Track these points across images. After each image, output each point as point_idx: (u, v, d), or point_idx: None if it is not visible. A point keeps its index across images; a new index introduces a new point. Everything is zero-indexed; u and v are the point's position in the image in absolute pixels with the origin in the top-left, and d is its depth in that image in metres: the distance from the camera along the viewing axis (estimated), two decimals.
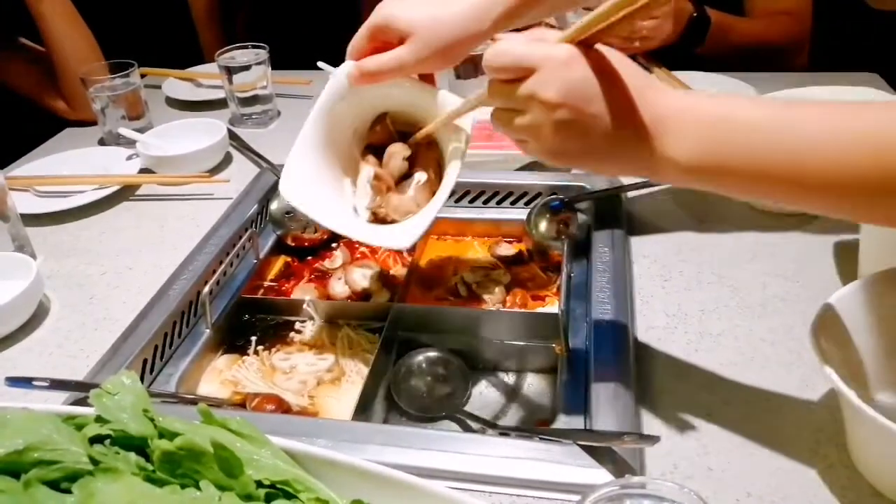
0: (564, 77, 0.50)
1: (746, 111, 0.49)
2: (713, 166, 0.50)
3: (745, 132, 0.48)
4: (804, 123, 0.47)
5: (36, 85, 1.35)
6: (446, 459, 0.60)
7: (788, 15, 1.35)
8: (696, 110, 0.50)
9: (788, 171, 0.47)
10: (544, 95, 0.50)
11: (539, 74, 0.51)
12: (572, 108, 0.50)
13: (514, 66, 0.52)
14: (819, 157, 0.46)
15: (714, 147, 0.49)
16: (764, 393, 0.65)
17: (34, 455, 0.45)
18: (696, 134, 0.50)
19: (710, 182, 0.52)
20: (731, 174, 0.50)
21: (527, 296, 0.86)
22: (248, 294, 0.88)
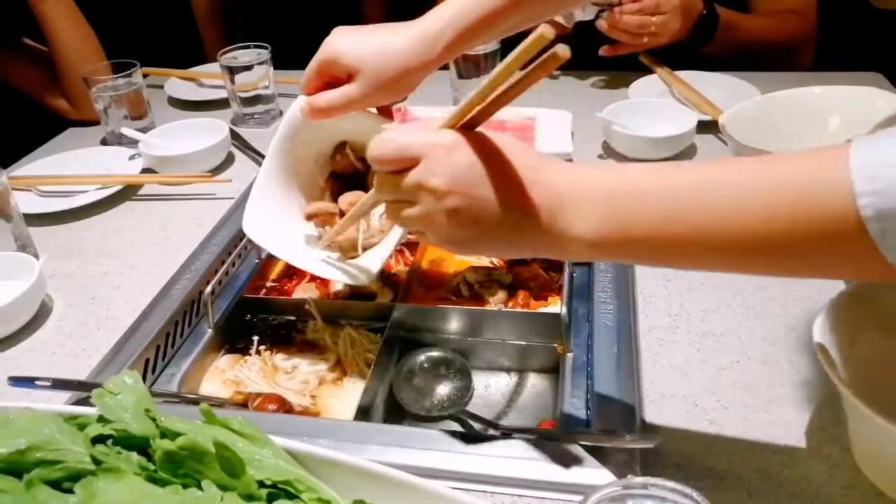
0: (450, 163, 0.49)
1: (641, 180, 0.48)
2: (616, 239, 0.48)
3: (643, 202, 0.47)
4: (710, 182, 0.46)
5: (39, 85, 1.35)
6: (448, 460, 0.60)
7: (793, 13, 1.35)
8: (591, 185, 0.49)
9: (690, 236, 0.46)
10: (432, 184, 0.49)
11: (425, 163, 0.50)
12: (461, 194, 0.49)
13: (398, 157, 0.51)
14: (716, 218, 0.45)
15: (613, 220, 0.48)
16: (766, 393, 0.65)
17: (36, 455, 0.45)
18: (595, 209, 0.48)
19: (617, 255, 0.51)
20: (635, 245, 0.48)
21: (529, 296, 0.85)
22: (250, 294, 0.88)
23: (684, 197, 0.46)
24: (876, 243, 0.40)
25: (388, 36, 0.66)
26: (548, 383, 0.77)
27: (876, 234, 0.40)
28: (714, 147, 1.08)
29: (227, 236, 0.93)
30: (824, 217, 0.42)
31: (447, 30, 0.65)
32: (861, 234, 0.40)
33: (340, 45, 0.66)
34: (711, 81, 1.24)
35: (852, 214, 0.40)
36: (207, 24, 1.83)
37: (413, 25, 0.66)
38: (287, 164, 0.78)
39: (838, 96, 0.93)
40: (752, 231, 0.44)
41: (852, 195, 0.40)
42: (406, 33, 0.66)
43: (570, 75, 1.41)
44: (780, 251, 0.45)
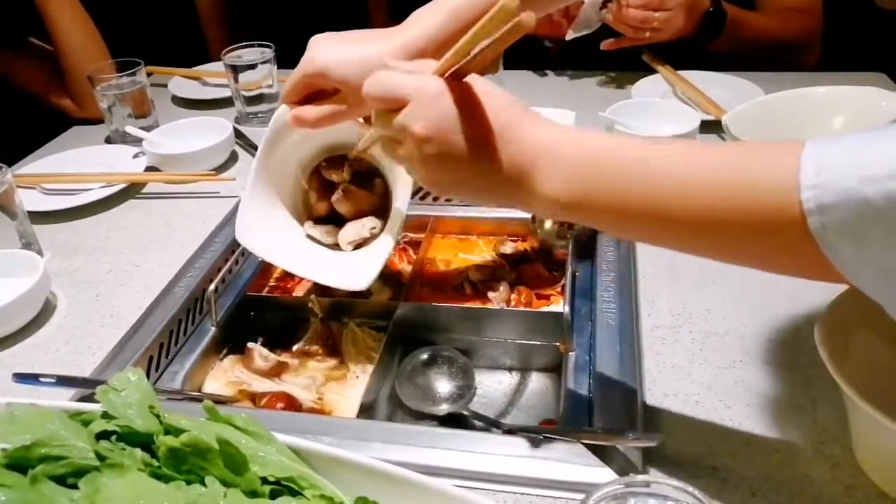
0: (432, 111, 0.51)
1: (607, 150, 0.50)
2: (577, 203, 0.50)
3: (612, 171, 0.49)
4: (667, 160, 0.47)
5: (43, 83, 1.35)
6: (450, 457, 0.60)
7: (799, 11, 1.35)
8: (565, 147, 0.51)
9: (653, 210, 0.47)
10: (413, 128, 0.52)
11: (410, 107, 0.52)
12: (439, 141, 0.51)
13: (387, 97, 0.54)
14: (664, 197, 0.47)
15: (577, 185, 0.50)
16: (769, 393, 0.65)
17: (41, 451, 0.45)
18: (562, 172, 0.50)
19: (583, 218, 0.53)
20: (594, 212, 0.51)
21: (531, 294, 0.86)
22: (253, 292, 0.88)
23: (639, 173, 0.48)
24: (815, 237, 0.40)
25: (371, 47, 0.66)
26: (550, 382, 0.77)
27: (815, 228, 0.40)
28: None
29: (231, 235, 0.93)
30: (766, 206, 0.42)
31: (430, 44, 0.65)
32: (800, 227, 0.40)
33: (326, 58, 0.66)
34: (715, 81, 1.24)
35: (795, 207, 0.40)
36: (211, 22, 1.83)
37: (397, 34, 0.66)
38: (274, 171, 0.79)
39: (842, 96, 0.93)
40: (696, 214, 0.46)
41: (797, 187, 0.40)
42: (389, 44, 0.65)
43: (573, 75, 1.41)
44: (723, 237, 0.46)
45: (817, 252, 0.40)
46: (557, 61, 1.43)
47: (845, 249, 0.40)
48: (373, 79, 0.55)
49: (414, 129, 0.52)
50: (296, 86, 0.69)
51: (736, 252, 0.48)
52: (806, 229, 0.40)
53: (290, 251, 0.79)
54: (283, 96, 0.72)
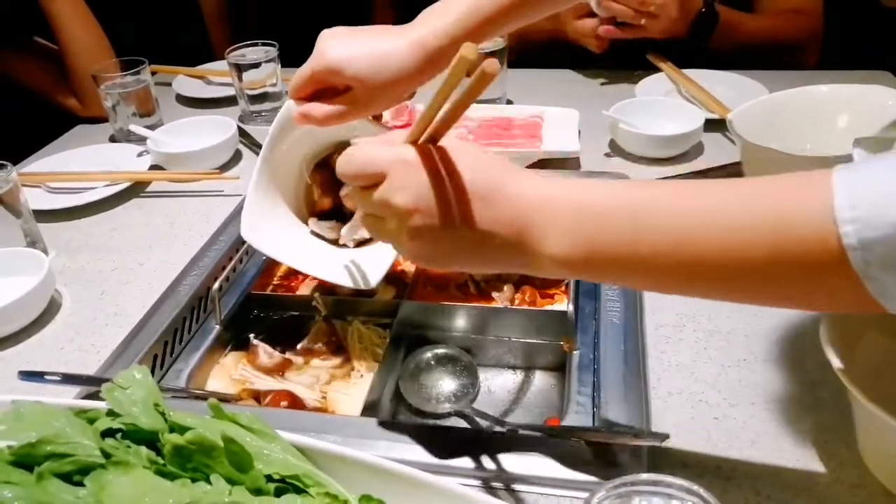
0: (412, 181, 0.48)
1: (607, 198, 0.47)
2: (584, 259, 0.47)
3: (608, 222, 0.46)
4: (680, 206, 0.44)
5: (48, 83, 1.36)
6: (454, 456, 0.60)
7: (798, 13, 1.35)
8: (561, 200, 0.47)
9: (669, 259, 0.44)
10: (395, 202, 0.49)
11: (388, 181, 0.49)
12: (424, 213, 0.48)
13: (363, 173, 0.51)
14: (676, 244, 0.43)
15: (581, 239, 0.46)
16: (773, 391, 0.65)
17: (47, 448, 0.45)
18: (563, 226, 0.47)
19: (588, 274, 0.49)
20: (602, 265, 0.47)
21: (536, 293, 0.85)
22: (257, 290, 0.88)
23: (648, 219, 0.45)
24: (858, 274, 0.38)
25: (384, 43, 0.64)
26: (554, 381, 0.77)
27: (858, 265, 0.38)
28: (721, 145, 1.08)
29: (235, 233, 0.93)
30: (798, 245, 0.40)
31: (445, 39, 0.63)
32: (842, 264, 0.38)
33: (338, 54, 0.64)
34: (719, 80, 1.24)
35: (834, 243, 0.38)
36: (215, 21, 1.83)
37: (411, 31, 0.64)
38: (277, 167, 0.79)
39: (847, 95, 0.92)
40: (718, 259, 0.42)
41: (834, 222, 0.38)
42: (403, 41, 0.64)
43: (577, 73, 1.40)
44: (751, 280, 0.43)
45: (859, 287, 0.39)
46: (561, 60, 1.43)
47: (890, 282, 0.38)
48: (344, 157, 0.52)
49: (395, 202, 0.48)
50: (304, 82, 0.67)
51: (766, 294, 0.45)
52: (846, 266, 0.38)
53: (296, 249, 0.79)
54: (291, 92, 0.69)
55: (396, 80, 0.64)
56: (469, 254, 0.50)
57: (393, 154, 0.50)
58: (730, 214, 0.42)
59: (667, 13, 1.22)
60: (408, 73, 0.64)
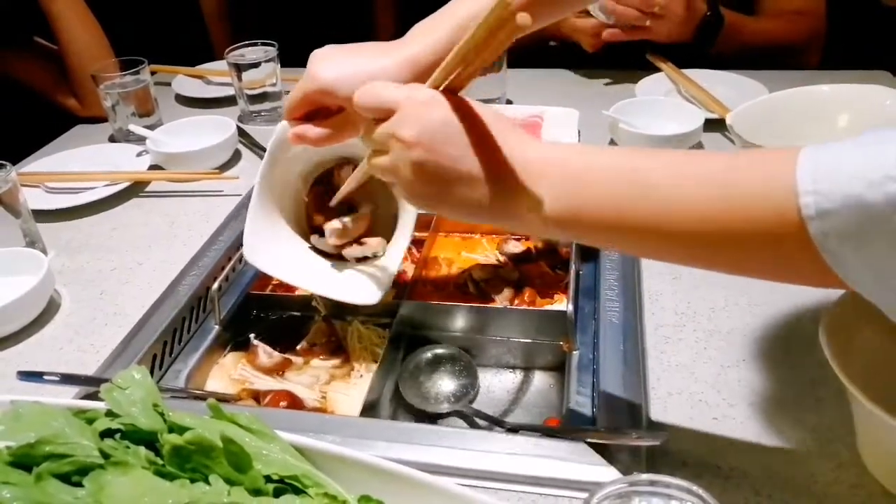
0: (422, 117, 0.50)
1: (595, 163, 0.49)
2: (567, 219, 0.49)
3: (601, 183, 0.48)
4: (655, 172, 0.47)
5: (48, 82, 1.36)
6: (454, 456, 0.60)
7: (800, 14, 1.35)
8: (553, 162, 0.50)
9: (646, 223, 0.47)
10: (401, 134, 0.51)
11: (399, 114, 0.51)
12: (429, 148, 0.50)
13: (377, 106, 0.53)
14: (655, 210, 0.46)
15: (565, 200, 0.49)
16: (773, 392, 0.65)
17: (46, 448, 0.45)
18: (551, 186, 0.49)
19: (575, 234, 0.52)
20: (592, 227, 0.49)
21: (535, 293, 0.85)
22: (256, 291, 0.88)
23: (629, 185, 0.47)
24: (816, 244, 0.39)
25: (375, 62, 0.63)
26: (553, 381, 0.77)
27: (816, 235, 0.39)
28: (721, 145, 1.08)
29: (234, 233, 0.93)
30: (763, 214, 0.42)
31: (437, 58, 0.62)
32: (800, 234, 0.39)
33: (330, 75, 0.64)
34: (719, 79, 1.23)
35: (793, 214, 0.40)
36: (215, 20, 1.84)
37: (402, 49, 0.64)
38: (276, 186, 0.78)
39: (846, 95, 0.93)
40: (690, 225, 0.45)
41: (795, 193, 0.39)
42: (393, 60, 0.63)
43: (577, 73, 1.40)
44: (720, 247, 0.45)
45: (817, 258, 0.40)
46: (560, 60, 1.43)
47: (846, 255, 0.39)
48: (363, 89, 0.54)
49: (401, 133, 0.51)
50: (297, 103, 0.67)
51: (734, 262, 0.47)
52: (806, 236, 0.40)
53: (298, 267, 0.79)
54: (285, 112, 0.69)
55: None
56: (460, 197, 0.51)
57: (407, 91, 0.52)
58: (702, 185, 0.45)
59: (672, 13, 1.22)
60: None
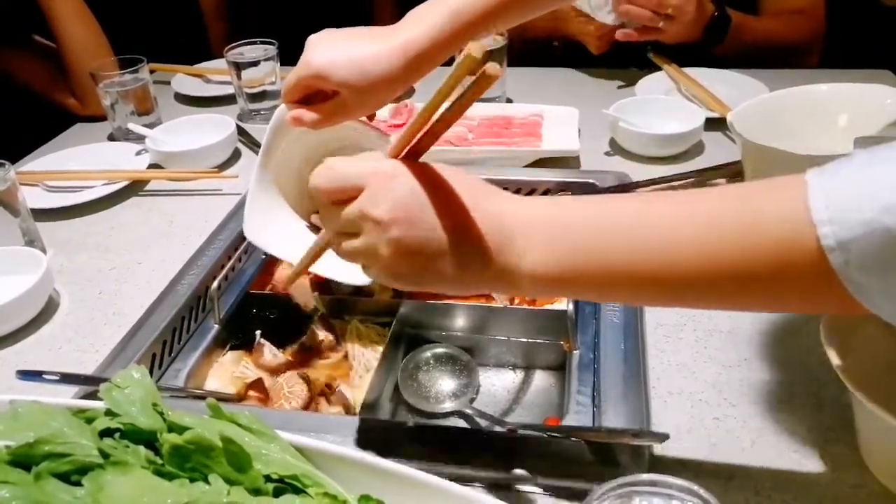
0: (392, 191, 0.47)
1: (580, 216, 0.47)
2: (559, 276, 0.47)
3: (591, 236, 0.46)
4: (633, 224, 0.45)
5: (46, 81, 1.35)
6: (453, 456, 0.60)
7: (800, 14, 1.35)
8: (535, 218, 0.48)
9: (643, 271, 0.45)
10: (374, 214, 0.47)
11: (367, 192, 0.48)
12: (405, 222, 0.47)
13: (339, 186, 0.50)
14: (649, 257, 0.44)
15: (556, 257, 0.46)
16: (773, 391, 0.65)
17: (45, 448, 0.45)
18: (539, 244, 0.47)
19: (571, 291, 0.49)
20: (587, 282, 0.47)
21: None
22: (256, 290, 0.88)
23: (622, 233, 0.45)
24: (838, 274, 0.38)
25: (369, 47, 0.63)
26: (554, 380, 0.76)
27: (838, 265, 0.38)
28: (722, 144, 1.08)
29: (234, 232, 0.93)
30: (774, 249, 0.40)
31: (431, 44, 0.63)
32: (820, 266, 0.38)
33: (323, 60, 0.64)
34: (719, 78, 1.23)
35: (810, 245, 0.38)
36: (214, 19, 1.83)
37: (396, 33, 0.64)
38: (276, 167, 0.78)
39: (847, 94, 0.92)
40: (692, 268, 0.43)
41: (811, 224, 0.38)
42: (387, 45, 0.63)
43: (577, 72, 1.40)
44: (727, 287, 0.43)
45: (837, 288, 0.39)
46: (562, 59, 1.43)
47: (871, 283, 0.38)
48: (320, 169, 0.51)
49: (374, 213, 0.47)
50: (293, 87, 0.67)
51: (743, 299, 0.45)
52: (825, 267, 0.38)
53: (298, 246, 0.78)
54: (283, 96, 0.70)
55: (382, 84, 0.64)
56: (444, 268, 0.48)
57: (372, 166, 0.49)
58: (702, 223, 0.43)
59: (685, 12, 1.22)
60: (393, 76, 0.64)
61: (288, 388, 0.73)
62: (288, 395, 0.73)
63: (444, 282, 0.49)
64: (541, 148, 1.06)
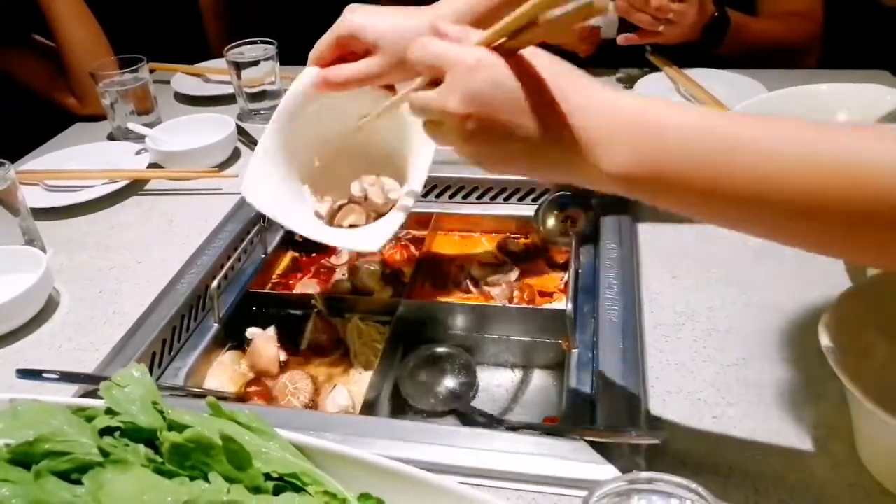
0: (468, 85, 0.48)
1: (680, 120, 0.45)
2: (643, 177, 0.46)
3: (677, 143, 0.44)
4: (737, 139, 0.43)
5: (46, 80, 1.35)
6: (453, 454, 0.60)
7: (798, 16, 1.35)
8: (626, 115, 0.46)
9: (722, 189, 0.43)
10: (451, 107, 0.49)
11: (447, 81, 0.50)
12: (479, 116, 0.48)
13: (429, 64, 0.51)
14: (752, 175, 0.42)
15: (643, 157, 0.45)
16: (771, 391, 0.65)
17: (45, 446, 0.45)
18: (625, 141, 0.46)
19: (644, 193, 0.47)
20: (663, 188, 0.46)
21: (534, 292, 0.86)
22: (255, 289, 0.88)
23: (721, 146, 0.43)
24: None
25: (406, 18, 0.66)
26: (553, 379, 0.77)
27: None
28: None
29: (233, 231, 0.93)
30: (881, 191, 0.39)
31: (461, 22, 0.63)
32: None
33: (361, 20, 0.66)
34: (718, 78, 1.24)
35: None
36: (213, 18, 1.83)
37: (431, 10, 0.67)
38: (287, 137, 0.75)
39: (844, 94, 0.92)
40: (787, 196, 0.41)
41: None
42: (422, 17, 0.66)
43: None
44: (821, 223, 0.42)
45: None
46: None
47: None
48: (417, 43, 0.53)
49: (450, 106, 0.49)
50: (326, 47, 0.68)
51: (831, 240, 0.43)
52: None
53: (298, 212, 0.75)
54: (311, 59, 0.70)
55: None
56: (527, 158, 0.50)
57: (457, 54, 0.50)
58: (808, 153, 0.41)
59: (687, 17, 1.22)
60: None
61: (293, 385, 0.73)
62: (294, 391, 0.73)
63: (520, 170, 0.51)
64: None
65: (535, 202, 0.96)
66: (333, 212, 0.78)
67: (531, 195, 0.98)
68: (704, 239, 0.86)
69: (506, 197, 1.00)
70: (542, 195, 0.97)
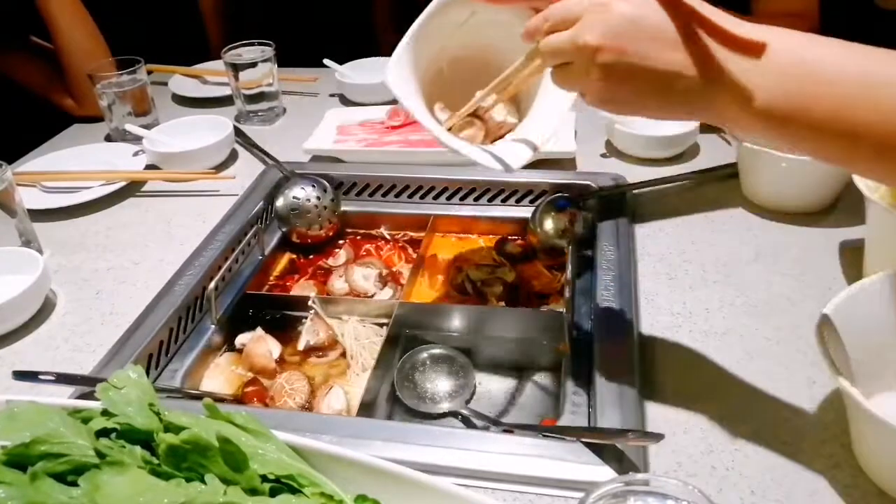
0: (604, 19, 0.48)
1: (826, 60, 0.45)
2: (784, 115, 0.46)
3: (824, 83, 0.44)
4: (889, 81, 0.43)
5: (44, 81, 1.35)
6: (450, 456, 0.60)
7: (794, 17, 1.35)
8: (777, 53, 0.47)
9: (868, 129, 0.43)
10: (584, 39, 0.48)
11: (581, 21, 0.49)
12: (615, 49, 0.48)
13: (562, 15, 0.51)
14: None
15: (787, 95, 0.45)
16: (769, 392, 0.65)
17: (41, 448, 0.45)
18: (767, 78, 0.46)
19: (780, 131, 0.47)
20: (803, 126, 0.45)
21: (532, 294, 0.86)
22: (253, 290, 0.88)
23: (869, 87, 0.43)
24: None
25: None
26: (550, 380, 0.77)
27: None
28: (718, 147, 1.08)
29: (231, 233, 0.93)
30: None
31: None
32: None
33: None
34: None
35: None
36: (212, 20, 1.83)
37: None
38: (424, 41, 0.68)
39: None
40: None
41: None
42: None
43: None
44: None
45: None
46: None
47: None
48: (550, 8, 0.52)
49: (583, 38, 0.48)
50: None
51: None
52: None
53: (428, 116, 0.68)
54: None
55: None
56: (655, 98, 0.49)
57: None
58: None
59: None
60: None
61: (290, 386, 0.74)
62: (290, 392, 0.73)
63: (653, 107, 0.50)
64: None
65: (532, 204, 0.97)
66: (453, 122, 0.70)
67: (528, 197, 0.99)
68: (701, 240, 0.87)
69: (503, 199, 1.00)
70: (539, 197, 0.97)
